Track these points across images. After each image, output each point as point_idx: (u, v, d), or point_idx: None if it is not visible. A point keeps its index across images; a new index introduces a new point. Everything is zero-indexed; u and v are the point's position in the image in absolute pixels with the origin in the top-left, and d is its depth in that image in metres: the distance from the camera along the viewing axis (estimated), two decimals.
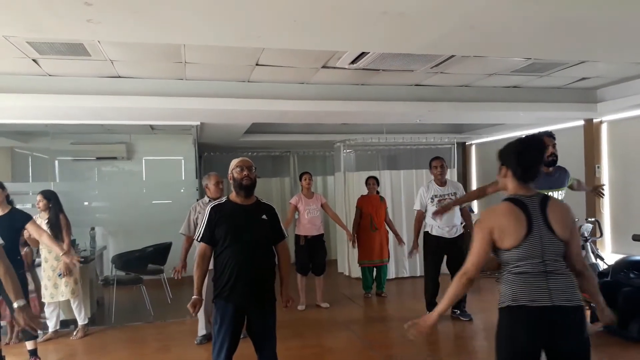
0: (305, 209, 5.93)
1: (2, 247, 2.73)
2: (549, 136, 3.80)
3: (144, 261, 6.15)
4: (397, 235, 6.62)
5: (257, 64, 4.77)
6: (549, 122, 7.31)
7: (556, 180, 3.92)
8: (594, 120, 6.88)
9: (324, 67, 4.92)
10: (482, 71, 5.35)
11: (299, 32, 3.33)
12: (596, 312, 2.42)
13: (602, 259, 6.07)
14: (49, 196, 4.99)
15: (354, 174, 7.85)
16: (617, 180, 6.76)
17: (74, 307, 5.11)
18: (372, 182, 6.59)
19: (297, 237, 5.97)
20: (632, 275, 4.74)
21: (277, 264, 3.23)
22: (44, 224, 4.83)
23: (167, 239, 6.22)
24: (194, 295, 3.11)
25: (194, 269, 3.12)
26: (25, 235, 4.75)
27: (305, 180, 6.04)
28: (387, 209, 6.72)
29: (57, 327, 5.17)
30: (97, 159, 8.13)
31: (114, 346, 4.94)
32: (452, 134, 8.85)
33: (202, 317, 4.77)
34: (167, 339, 5.07)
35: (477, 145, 10.02)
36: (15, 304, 2.57)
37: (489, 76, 5.57)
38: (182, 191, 7.32)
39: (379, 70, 5.05)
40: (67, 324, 5.35)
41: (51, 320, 5.12)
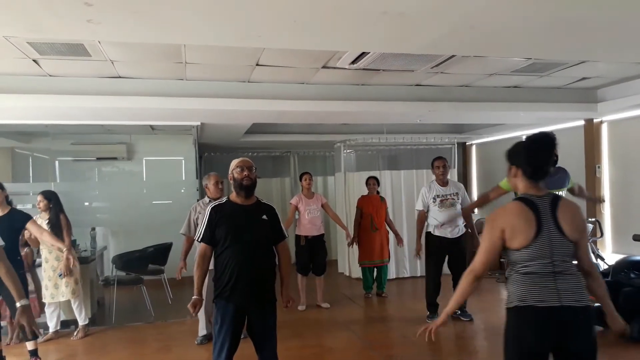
0: (305, 209, 5.93)
1: (2, 248, 2.73)
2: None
3: (145, 261, 6.15)
4: (397, 235, 6.61)
5: (258, 64, 4.77)
6: (549, 122, 7.31)
7: (557, 180, 3.92)
8: (594, 120, 6.88)
9: (324, 67, 4.92)
10: (483, 71, 5.35)
11: (299, 32, 3.33)
12: (606, 320, 2.31)
13: (602, 259, 6.07)
14: (49, 196, 4.99)
15: (355, 174, 7.84)
16: (618, 180, 6.75)
17: (74, 307, 5.11)
18: (373, 182, 6.59)
19: (298, 238, 5.97)
20: (632, 275, 4.73)
21: (277, 264, 3.23)
22: (44, 225, 4.83)
23: (168, 239, 6.22)
24: (194, 295, 3.11)
25: (194, 269, 3.12)
26: (25, 235, 4.77)
27: (305, 180, 6.04)
28: (388, 209, 6.72)
29: (58, 328, 5.17)
30: (98, 159, 8.13)
31: (114, 346, 4.94)
32: (452, 134, 8.85)
33: (203, 317, 4.77)
34: (167, 339, 5.07)
35: (478, 145, 9.99)
36: (18, 304, 2.59)
37: (489, 76, 5.57)
38: (182, 191, 7.34)
39: (379, 70, 5.05)
40: (67, 324, 5.35)
41: (52, 320, 5.12)
